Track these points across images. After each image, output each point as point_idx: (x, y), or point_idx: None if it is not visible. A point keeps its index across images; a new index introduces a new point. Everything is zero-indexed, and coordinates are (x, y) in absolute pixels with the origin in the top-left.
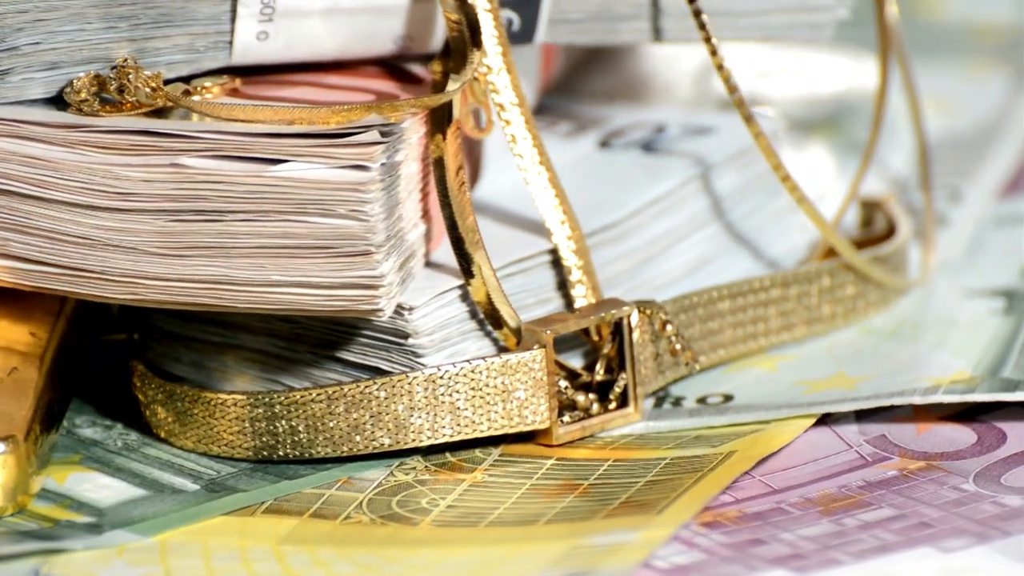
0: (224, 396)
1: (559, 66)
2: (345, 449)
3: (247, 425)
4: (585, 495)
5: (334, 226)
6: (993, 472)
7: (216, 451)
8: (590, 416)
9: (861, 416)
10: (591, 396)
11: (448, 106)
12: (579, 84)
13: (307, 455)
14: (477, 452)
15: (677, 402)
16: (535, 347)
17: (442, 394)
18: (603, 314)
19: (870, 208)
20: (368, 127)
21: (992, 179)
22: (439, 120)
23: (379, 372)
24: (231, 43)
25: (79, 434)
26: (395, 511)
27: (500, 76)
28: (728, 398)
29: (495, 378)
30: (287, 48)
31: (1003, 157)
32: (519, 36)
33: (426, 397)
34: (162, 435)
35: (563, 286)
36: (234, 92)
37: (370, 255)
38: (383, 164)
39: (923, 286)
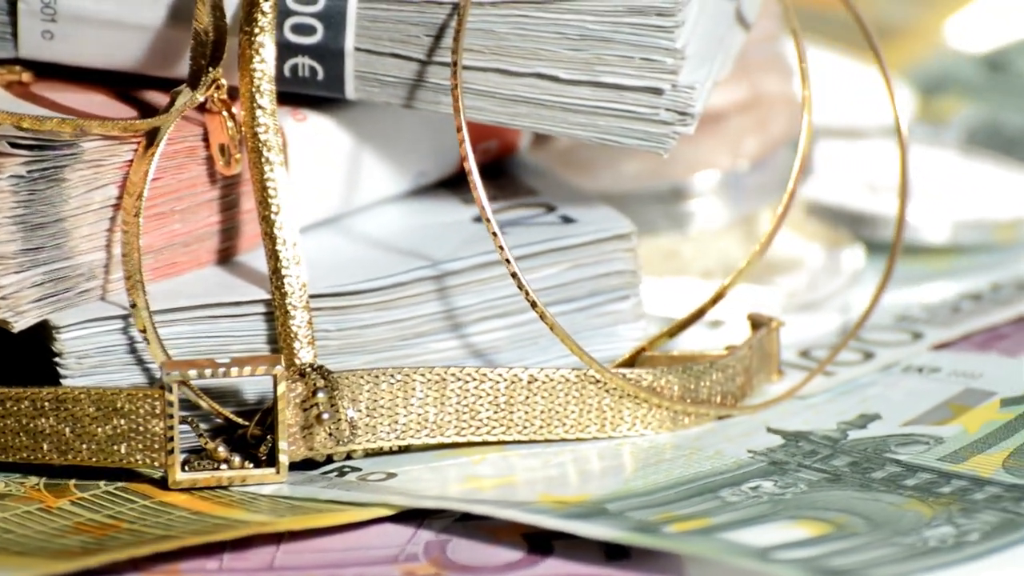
0: None
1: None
2: None
3: None
4: (102, 535)
5: None
6: None
7: None
8: (229, 468)
9: (465, 519)
10: (249, 449)
11: (153, 132)
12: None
13: None
14: (102, 483)
15: (343, 472)
16: (156, 388)
17: (45, 418)
18: (247, 368)
19: (753, 324)
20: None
21: (966, 329)
22: (147, 146)
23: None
24: (15, 36)
25: None
26: None
27: (262, 115)
28: (391, 476)
29: (102, 410)
30: (79, 52)
31: (997, 315)
32: (325, 85)
33: (32, 418)
34: None
35: (275, 339)
36: (14, 84)
37: None
38: (18, 176)
39: (752, 414)
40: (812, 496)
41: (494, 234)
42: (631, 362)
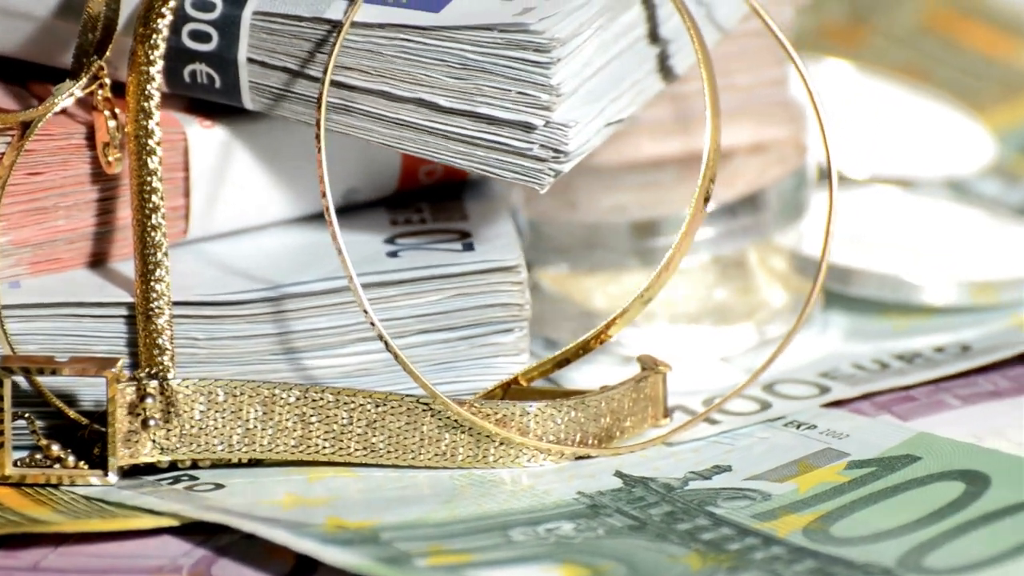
0: None
1: None
2: None
3: None
4: None
5: None
6: None
7: None
8: (62, 466)
9: (251, 537)
10: (87, 450)
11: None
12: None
13: None
14: None
15: (176, 481)
16: None
17: None
18: (80, 368)
19: (641, 367)
20: None
21: (867, 388)
22: (20, 137)
23: None
24: None
25: None
26: None
27: (143, 117)
28: (219, 487)
29: None
30: None
31: (909, 378)
32: (224, 93)
33: None
34: None
35: (135, 343)
36: None
37: None
38: None
39: (612, 456)
40: (600, 542)
41: (339, 252)
42: (500, 394)
